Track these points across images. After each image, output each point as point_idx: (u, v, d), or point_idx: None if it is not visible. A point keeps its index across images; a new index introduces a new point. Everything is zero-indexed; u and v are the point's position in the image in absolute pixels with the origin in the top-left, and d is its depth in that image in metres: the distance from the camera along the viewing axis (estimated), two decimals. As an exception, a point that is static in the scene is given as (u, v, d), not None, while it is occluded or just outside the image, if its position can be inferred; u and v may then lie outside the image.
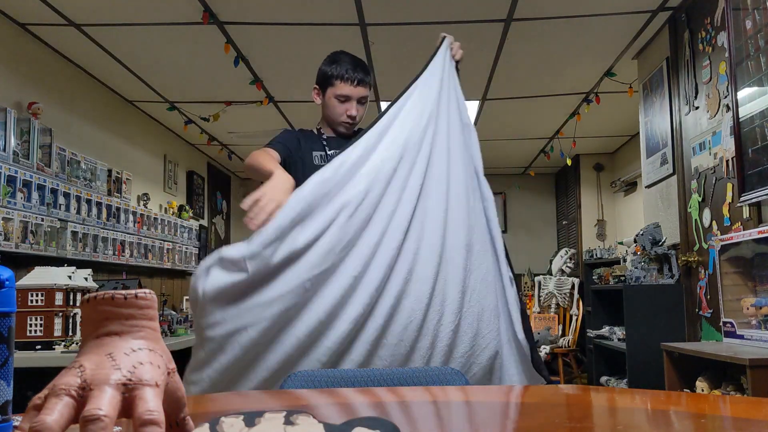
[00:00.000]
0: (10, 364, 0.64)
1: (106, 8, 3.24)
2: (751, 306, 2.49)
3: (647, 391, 1.16)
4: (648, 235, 3.44)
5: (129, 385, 0.55)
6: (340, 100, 2.01)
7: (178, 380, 0.63)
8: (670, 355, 2.75)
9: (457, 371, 1.36)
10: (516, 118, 5.29)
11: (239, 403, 1.19)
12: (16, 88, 3.37)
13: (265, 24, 3.44)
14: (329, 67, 2.03)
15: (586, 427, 0.88)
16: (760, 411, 0.93)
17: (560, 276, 5.84)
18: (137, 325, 0.60)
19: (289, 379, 1.32)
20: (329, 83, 2.02)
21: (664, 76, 3.52)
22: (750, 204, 2.59)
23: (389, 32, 3.55)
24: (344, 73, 1.99)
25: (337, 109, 2.03)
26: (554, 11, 3.33)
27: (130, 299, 0.60)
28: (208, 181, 6.48)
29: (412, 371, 1.37)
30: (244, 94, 4.52)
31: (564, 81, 4.38)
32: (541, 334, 5.42)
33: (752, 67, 2.54)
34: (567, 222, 6.98)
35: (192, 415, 0.65)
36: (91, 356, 0.57)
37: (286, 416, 0.58)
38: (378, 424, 0.60)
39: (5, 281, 0.64)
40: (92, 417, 0.51)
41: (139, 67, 4.03)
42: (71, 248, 3.59)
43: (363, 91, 2.03)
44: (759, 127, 2.49)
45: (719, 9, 2.86)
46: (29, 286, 2.81)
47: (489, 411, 1.01)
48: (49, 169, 3.46)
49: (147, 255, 4.64)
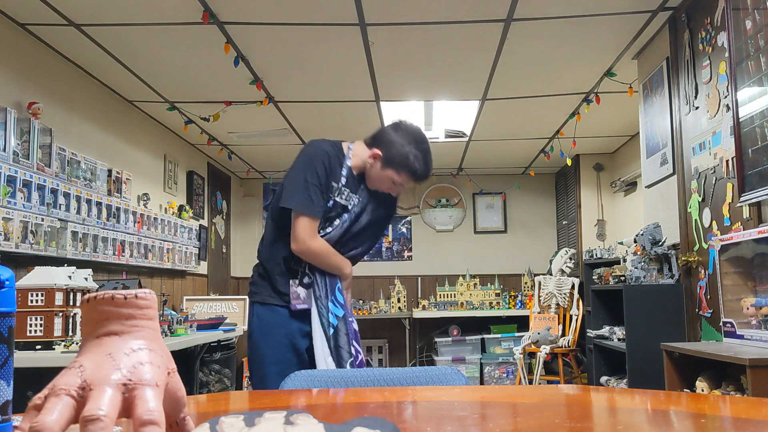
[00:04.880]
0: (10, 364, 0.64)
1: (106, 8, 3.24)
2: (751, 306, 2.49)
3: (647, 391, 1.16)
4: (648, 235, 3.44)
5: (129, 385, 0.55)
6: (393, 182, 2.06)
7: (178, 380, 0.63)
8: (670, 355, 2.75)
9: (457, 371, 1.36)
10: (516, 118, 5.29)
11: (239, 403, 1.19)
12: (16, 88, 3.38)
13: (265, 24, 3.44)
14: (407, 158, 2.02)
15: (586, 427, 0.88)
16: (760, 411, 0.93)
17: (560, 276, 5.84)
18: (137, 325, 0.60)
19: (289, 379, 1.32)
20: (396, 168, 2.03)
21: (664, 76, 3.52)
22: (750, 204, 2.59)
23: (389, 32, 3.55)
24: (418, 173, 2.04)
25: (384, 186, 2.08)
26: (554, 11, 3.33)
27: (130, 299, 0.60)
28: (208, 181, 6.48)
29: (412, 371, 1.37)
30: (244, 94, 4.52)
31: (564, 81, 4.38)
32: (541, 334, 5.42)
33: (752, 67, 2.54)
34: (567, 222, 6.98)
35: (192, 415, 0.65)
36: (91, 356, 0.57)
37: (286, 416, 0.58)
38: (378, 424, 0.60)
39: (5, 281, 0.64)
40: (92, 417, 0.51)
41: (139, 67, 4.03)
42: (71, 248, 3.59)
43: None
44: (759, 127, 2.49)
45: (719, 9, 2.86)
46: (29, 286, 2.81)
47: (489, 411, 1.01)
48: (49, 169, 3.46)
49: (147, 255, 4.64)
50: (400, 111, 4.99)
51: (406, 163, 2.02)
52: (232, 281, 7.19)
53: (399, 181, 2.05)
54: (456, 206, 7.55)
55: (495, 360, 6.42)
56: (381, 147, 2.05)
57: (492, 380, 6.38)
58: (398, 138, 2.04)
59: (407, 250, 7.51)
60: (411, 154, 2.02)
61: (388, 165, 2.04)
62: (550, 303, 5.75)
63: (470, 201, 7.57)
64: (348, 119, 5.23)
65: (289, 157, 6.21)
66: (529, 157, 6.73)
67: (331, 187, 2.03)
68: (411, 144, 2.03)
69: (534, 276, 6.63)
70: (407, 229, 7.54)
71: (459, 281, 6.93)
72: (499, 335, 6.53)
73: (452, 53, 3.81)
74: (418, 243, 7.51)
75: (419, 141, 2.06)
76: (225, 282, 6.90)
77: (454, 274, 7.15)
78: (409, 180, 2.05)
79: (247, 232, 7.51)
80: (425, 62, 3.95)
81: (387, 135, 2.06)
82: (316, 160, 2.01)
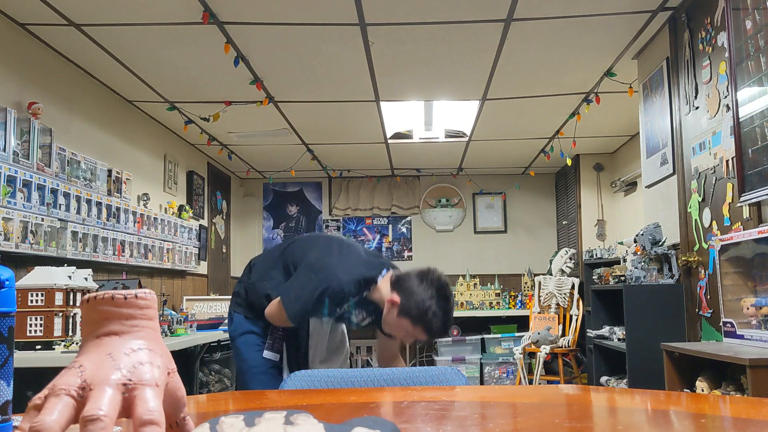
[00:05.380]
0: (10, 364, 0.64)
1: (106, 8, 3.24)
2: (751, 306, 2.49)
3: (647, 391, 1.16)
4: (648, 235, 3.44)
5: (129, 385, 0.55)
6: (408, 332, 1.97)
7: (178, 380, 0.63)
8: (670, 355, 2.75)
9: (457, 371, 1.36)
10: (516, 118, 5.29)
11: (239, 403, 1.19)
12: (16, 88, 3.37)
13: (265, 24, 3.44)
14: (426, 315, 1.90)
15: (586, 427, 0.88)
16: (760, 411, 0.93)
17: (560, 276, 5.84)
18: (137, 325, 0.60)
19: (289, 379, 1.32)
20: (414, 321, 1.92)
21: (664, 76, 3.52)
22: (750, 204, 2.59)
23: (389, 32, 3.55)
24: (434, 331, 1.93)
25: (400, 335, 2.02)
26: (554, 11, 3.33)
27: (130, 299, 0.60)
28: (208, 181, 6.48)
29: (412, 371, 1.37)
30: (244, 94, 4.52)
31: (564, 81, 4.38)
32: (541, 334, 5.42)
33: (752, 67, 2.54)
34: (567, 222, 6.98)
35: (192, 415, 0.65)
36: (91, 356, 0.57)
37: (286, 416, 0.58)
38: (378, 424, 0.60)
39: (5, 281, 0.64)
40: (92, 417, 0.51)
41: (139, 67, 4.03)
42: (71, 248, 3.59)
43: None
44: (759, 127, 2.49)
45: (719, 9, 2.86)
46: (29, 286, 2.81)
47: (489, 411, 1.01)
48: (49, 169, 3.46)
49: (147, 255, 4.64)
50: (400, 111, 4.99)
51: (424, 319, 1.90)
52: (232, 281, 7.19)
53: (412, 333, 1.95)
54: (456, 206, 7.55)
55: (495, 360, 6.42)
56: (401, 294, 1.94)
57: (492, 380, 6.38)
58: (421, 290, 1.92)
59: (407, 250, 7.51)
60: (431, 310, 1.89)
61: (404, 315, 1.93)
62: (550, 303, 5.75)
63: (470, 201, 7.57)
64: (348, 119, 5.23)
65: (289, 157, 6.18)
66: (529, 157, 6.73)
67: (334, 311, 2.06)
68: (433, 299, 1.91)
69: (534, 276, 6.63)
70: (407, 229, 7.54)
71: (459, 281, 6.93)
72: (499, 335, 6.53)
73: (452, 53, 3.81)
74: (418, 243, 7.51)
75: (442, 297, 1.93)
76: (225, 282, 6.90)
77: (454, 274, 7.15)
78: (423, 334, 1.94)
79: (247, 232, 7.51)
80: (425, 62, 3.95)
81: (410, 283, 1.95)
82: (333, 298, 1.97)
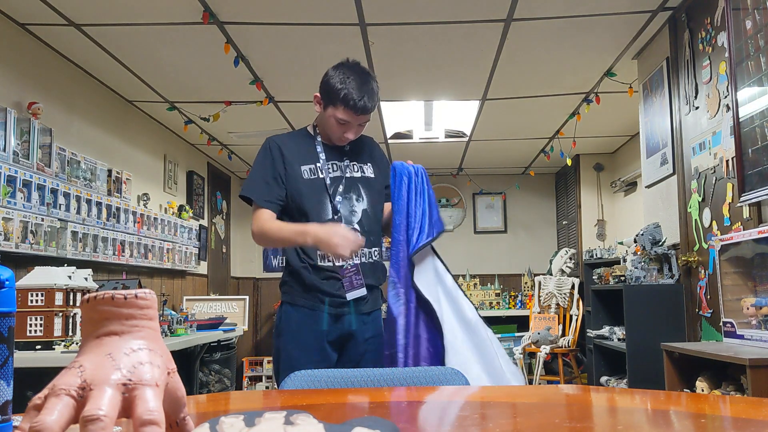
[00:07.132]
0: (10, 364, 0.64)
1: (106, 8, 3.24)
2: (751, 306, 2.49)
3: (647, 391, 1.16)
4: (648, 235, 3.44)
5: (129, 385, 0.55)
6: (340, 123, 1.97)
7: (178, 380, 0.63)
8: (670, 355, 2.75)
9: (457, 371, 1.36)
10: (516, 118, 5.29)
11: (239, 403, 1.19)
12: (16, 88, 3.37)
13: (265, 24, 3.44)
14: (336, 87, 1.93)
15: (586, 427, 0.88)
16: (760, 411, 0.93)
17: (560, 276, 5.84)
18: (137, 325, 0.60)
19: (289, 379, 1.32)
20: (332, 102, 1.95)
21: (664, 76, 3.52)
22: (750, 204, 2.59)
23: (389, 32, 3.55)
24: (349, 100, 1.92)
25: (334, 130, 2.00)
26: (554, 11, 3.33)
27: (130, 299, 0.60)
28: (208, 181, 6.48)
29: (412, 371, 1.37)
30: (244, 94, 4.52)
31: (564, 81, 4.38)
32: (541, 334, 5.42)
33: (752, 67, 2.54)
34: (567, 222, 6.98)
35: (192, 415, 0.65)
36: (91, 356, 0.57)
37: (286, 416, 0.58)
38: (378, 424, 0.60)
39: (5, 281, 0.64)
40: (92, 417, 0.51)
41: (139, 67, 4.03)
42: (71, 248, 3.59)
43: (365, 118, 1.99)
44: (759, 127, 2.49)
45: (719, 9, 2.86)
46: (29, 286, 2.81)
47: (489, 411, 1.01)
48: (49, 169, 3.46)
49: (147, 255, 4.64)
50: (400, 111, 4.99)
51: (340, 92, 1.91)
52: (232, 281, 7.19)
53: (342, 118, 1.94)
54: (456, 206, 7.55)
55: (495, 360, 6.41)
56: (320, 88, 1.98)
57: (492, 380, 6.37)
58: (334, 72, 1.95)
59: (407, 250, 7.50)
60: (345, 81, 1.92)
61: (326, 103, 1.96)
62: (550, 303, 5.75)
63: (470, 201, 7.57)
64: (348, 119, 5.23)
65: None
66: (529, 157, 6.73)
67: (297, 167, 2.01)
68: (345, 74, 1.94)
69: (534, 276, 6.63)
70: (407, 229, 7.53)
71: (459, 281, 6.92)
72: (499, 335, 6.51)
73: (452, 53, 3.81)
74: (418, 243, 7.50)
75: (355, 71, 1.95)
76: (225, 282, 6.90)
77: (454, 274, 7.11)
78: (349, 113, 1.93)
79: (247, 232, 7.48)
80: (425, 62, 3.95)
81: (325, 76, 1.97)
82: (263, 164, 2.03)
